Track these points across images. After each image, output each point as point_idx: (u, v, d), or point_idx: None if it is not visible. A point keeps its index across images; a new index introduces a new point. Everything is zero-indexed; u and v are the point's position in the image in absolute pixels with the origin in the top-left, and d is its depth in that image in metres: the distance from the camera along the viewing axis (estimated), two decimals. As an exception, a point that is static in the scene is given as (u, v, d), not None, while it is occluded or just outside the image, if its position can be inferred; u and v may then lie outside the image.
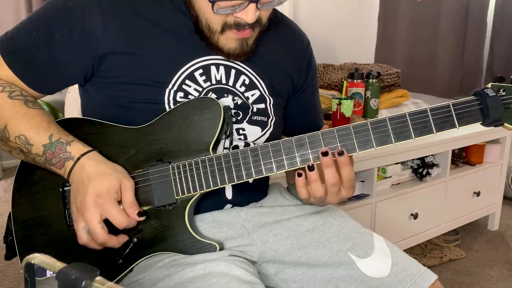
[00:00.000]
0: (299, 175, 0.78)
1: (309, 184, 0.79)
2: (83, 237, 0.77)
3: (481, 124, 0.79)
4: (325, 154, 0.77)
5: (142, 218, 0.79)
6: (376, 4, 3.34)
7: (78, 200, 0.76)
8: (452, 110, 0.77)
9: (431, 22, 3.05)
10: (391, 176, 1.94)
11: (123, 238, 0.80)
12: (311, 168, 0.78)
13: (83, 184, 0.77)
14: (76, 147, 0.80)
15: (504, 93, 0.78)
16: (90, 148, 0.81)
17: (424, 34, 3.10)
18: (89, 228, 0.76)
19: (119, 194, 0.78)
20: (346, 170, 0.78)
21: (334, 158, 0.78)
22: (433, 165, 2.01)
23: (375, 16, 3.34)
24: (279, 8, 0.91)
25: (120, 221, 0.76)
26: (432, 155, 2.01)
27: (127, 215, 0.77)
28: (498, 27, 2.82)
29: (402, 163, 1.99)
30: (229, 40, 0.83)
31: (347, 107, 1.73)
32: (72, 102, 2.19)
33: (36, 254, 0.42)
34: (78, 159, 0.79)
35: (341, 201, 0.83)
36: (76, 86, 0.94)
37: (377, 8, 3.33)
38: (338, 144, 0.78)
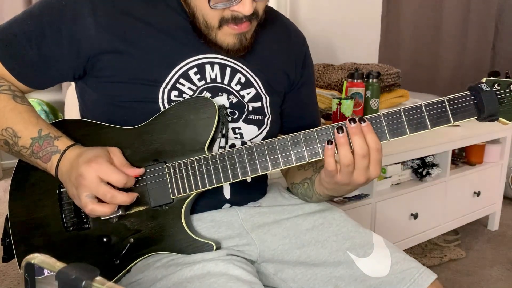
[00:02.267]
0: (330, 142, 0.76)
1: (337, 152, 0.76)
2: (87, 203, 0.74)
3: (476, 119, 0.78)
4: (352, 121, 0.75)
5: (141, 170, 0.79)
6: (376, 3, 3.33)
7: (73, 178, 0.76)
8: (447, 105, 0.77)
9: (435, 22, 3.04)
10: (391, 176, 1.94)
11: (133, 194, 0.78)
12: (339, 131, 0.75)
13: (72, 165, 0.76)
14: (63, 142, 0.80)
15: (498, 88, 0.77)
16: (74, 142, 0.81)
17: (428, 34, 3.09)
18: (92, 191, 0.74)
19: (109, 157, 0.78)
20: (371, 137, 0.75)
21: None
22: (433, 165, 2.01)
23: (376, 16, 3.34)
24: (279, 7, 0.91)
25: (118, 178, 0.75)
26: (432, 155, 2.00)
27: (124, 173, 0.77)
28: (499, 26, 2.81)
29: (402, 163, 1.99)
30: (227, 36, 0.83)
31: (347, 107, 1.72)
32: (72, 102, 2.19)
33: (36, 254, 0.42)
34: (65, 151, 0.79)
35: (368, 182, 0.80)
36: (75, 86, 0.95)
37: (377, 8, 3.33)
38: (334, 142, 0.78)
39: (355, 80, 1.91)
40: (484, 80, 0.79)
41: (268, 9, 0.92)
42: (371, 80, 1.95)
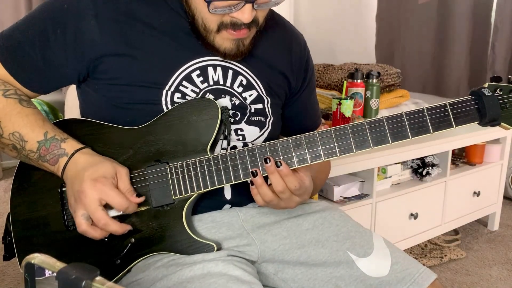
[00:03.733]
0: (252, 183, 0.80)
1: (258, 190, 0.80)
2: (82, 224, 0.75)
3: (478, 123, 0.78)
4: (267, 160, 0.78)
5: (142, 199, 0.79)
6: (376, 3, 3.33)
7: (75, 189, 0.76)
8: (449, 109, 0.77)
9: (434, 21, 3.04)
10: (391, 176, 1.94)
11: (126, 226, 0.79)
12: (254, 174, 0.79)
13: (78, 175, 0.77)
14: (71, 144, 0.80)
15: (500, 93, 0.77)
16: (83, 145, 0.81)
17: (426, 34, 3.09)
18: (89, 212, 0.75)
19: (115, 179, 0.78)
20: (289, 180, 0.79)
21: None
22: (433, 165, 2.01)
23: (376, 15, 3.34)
24: (279, 8, 0.91)
25: (120, 202, 0.75)
26: (432, 155, 2.00)
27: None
28: (499, 26, 2.81)
29: (402, 163, 1.99)
30: (224, 40, 0.83)
31: (347, 107, 1.72)
32: (72, 102, 2.20)
33: (36, 254, 0.42)
34: (73, 154, 0.79)
35: (299, 204, 0.84)
36: (75, 86, 0.95)
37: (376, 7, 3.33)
38: (336, 144, 0.78)
39: (355, 80, 1.91)
40: (486, 85, 0.79)
41: (270, 12, 0.92)
42: (371, 80, 1.95)
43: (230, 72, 0.90)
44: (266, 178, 0.80)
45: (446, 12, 2.97)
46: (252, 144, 0.91)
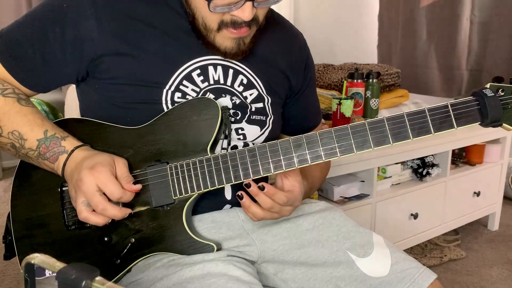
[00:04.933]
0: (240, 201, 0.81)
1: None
2: (82, 211, 0.74)
3: (479, 124, 0.78)
4: (248, 185, 0.78)
5: (139, 187, 0.78)
6: (376, 3, 3.34)
7: (74, 180, 0.76)
8: (450, 110, 0.76)
9: (433, 20, 3.04)
10: (391, 176, 1.94)
11: (126, 210, 0.77)
12: (240, 197, 0.80)
13: (77, 168, 0.77)
14: (70, 142, 0.81)
15: (502, 93, 0.77)
16: (82, 143, 0.81)
17: (426, 33, 3.09)
18: (87, 199, 0.74)
19: (113, 167, 0.77)
20: (276, 198, 0.80)
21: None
22: (433, 165, 2.01)
23: (375, 15, 3.34)
24: (279, 7, 0.91)
25: (113, 190, 0.74)
26: (432, 155, 2.01)
27: (122, 187, 0.76)
28: (495, 26, 2.81)
29: (402, 163, 1.99)
30: (225, 39, 0.83)
31: (347, 107, 1.72)
32: (72, 102, 2.19)
33: (36, 254, 0.42)
34: (72, 151, 0.79)
35: (294, 209, 0.85)
36: (75, 86, 0.95)
37: (377, 7, 3.33)
38: (336, 145, 0.78)
39: (355, 80, 1.91)
40: (488, 85, 0.78)
41: (270, 11, 0.92)
42: (371, 80, 1.95)
43: (231, 71, 0.90)
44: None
45: (449, 14, 2.97)
46: (253, 144, 0.91)
